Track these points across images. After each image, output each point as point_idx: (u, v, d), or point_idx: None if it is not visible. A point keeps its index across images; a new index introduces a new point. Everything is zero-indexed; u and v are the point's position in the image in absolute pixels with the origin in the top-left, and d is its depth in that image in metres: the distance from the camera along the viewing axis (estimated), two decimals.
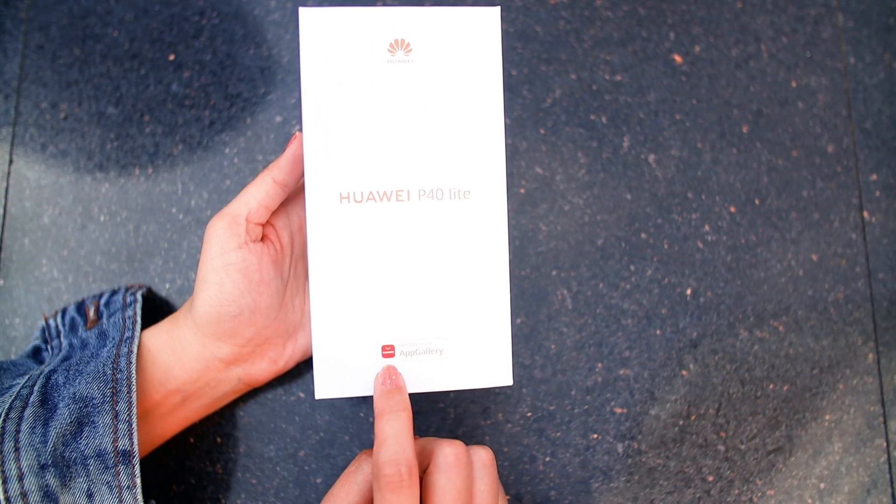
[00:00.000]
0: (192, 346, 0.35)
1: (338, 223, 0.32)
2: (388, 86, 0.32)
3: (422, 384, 0.33)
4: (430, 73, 0.32)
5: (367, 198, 0.32)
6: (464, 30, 0.32)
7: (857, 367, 0.42)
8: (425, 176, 0.32)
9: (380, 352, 0.33)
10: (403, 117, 0.32)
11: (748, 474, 0.41)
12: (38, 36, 0.43)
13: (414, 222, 0.32)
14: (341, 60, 0.32)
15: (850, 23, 0.45)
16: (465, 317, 0.33)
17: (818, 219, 0.43)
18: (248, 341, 0.35)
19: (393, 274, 0.33)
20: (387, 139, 0.32)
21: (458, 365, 0.33)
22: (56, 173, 0.42)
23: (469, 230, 0.33)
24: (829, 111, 0.44)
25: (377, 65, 0.32)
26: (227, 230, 0.33)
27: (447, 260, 0.33)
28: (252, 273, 0.34)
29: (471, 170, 0.33)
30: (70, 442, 0.31)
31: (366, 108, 0.32)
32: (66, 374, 0.33)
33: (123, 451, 0.31)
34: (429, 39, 0.32)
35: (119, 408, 0.32)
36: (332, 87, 0.32)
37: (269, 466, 0.40)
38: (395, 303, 0.33)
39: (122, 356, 0.33)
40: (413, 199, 0.32)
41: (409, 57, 0.32)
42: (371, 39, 0.32)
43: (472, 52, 0.32)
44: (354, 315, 0.32)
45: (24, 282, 0.41)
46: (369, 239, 0.32)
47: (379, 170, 0.32)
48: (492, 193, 0.33)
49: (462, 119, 0.32)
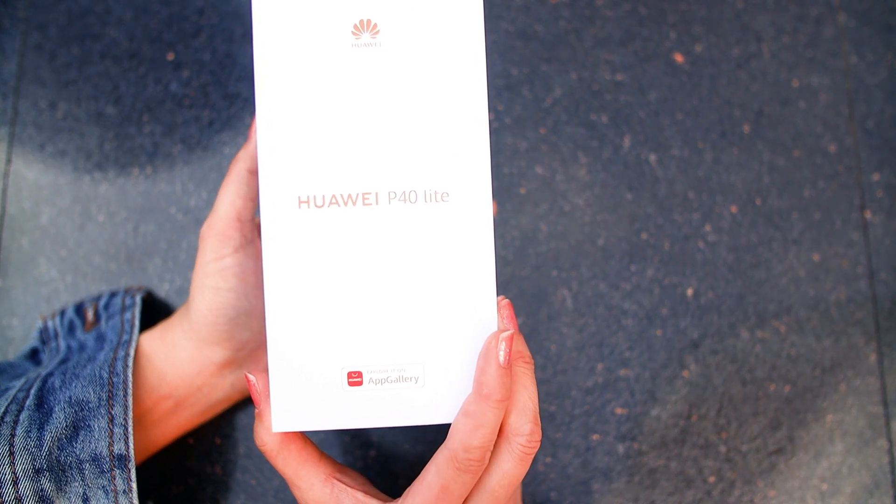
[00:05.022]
0: (186, 351, 0.35)
1: (296, 231, 0.28)
2: (353, 73, 0.28)
3: (393, 417, 0.28)
4: (400, 57, 0.28)
5: (330, 202, 0.28)
6: (441, 7, 0.28)
7: (859, 368, 0.42)
8: (396, 176, 0.28)
9: (345, 379, 0.28)
10: (370, 109, 0.28)
11: (750, 475, 0.41)
12: (36, 35, 0.43)
13: (383, 229, 0.28)
14: (299, 45, 0.28)
15: (852, 22, 0.44)
16: (446, 339, 0.28)
17: (820, 219, 0.43)
18: (244, 345, 0.35)
19: (360, 289, 0.28)
20: (351, 134, 0.28)
21: (437, 395, 0.28)
22: (54, 173, 0.42)
23: (448, 237, 0.28)
24: (831, 111, 0.44)
25: (340, 49, 0.28)
26: (220, 236, 0.33)
27: (423, 273, 0.28)
28: (248, 276, 0.34)
29: (449, 168, 0.28)
30: (66, 446, 0.31)
31: (327, 99, 0.28)
32: (62, 378, 0.33)
33: (119, 455, 0.31)
34: (399, 19, 0.28)
35: (115, 412, 0.32)
36: (288, 75, 0.28)
37: (269, 467, 0.40)
38: (362, 323, 0.28)
39: (118, 360, 0.33)
40: (382, 202, 0.28)
41: (376, 40, 0.28)
42: (332, 20, 0.28)
43: (451, 33, 0.28)
44: (316, 337, 0.28)
45: (23, 282, 0.41)
46: (332, 249, 0.28)
47: (343, 170, 0.28)
48: (474, 195, 0.28)
49: (438, 110, 0.28)
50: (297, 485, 0.29)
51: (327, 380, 0.28)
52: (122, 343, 0.35)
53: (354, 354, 0.28)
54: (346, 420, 0.28)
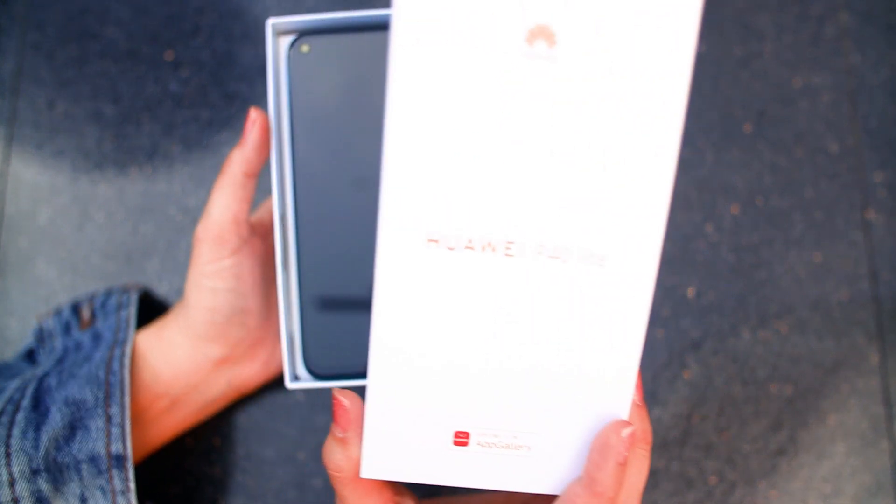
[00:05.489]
0: (181, 349, 0.34)
1: (419, 272, 0.23)
2: (518, 91, 0.22)
3: (495, 481, 0.26)
4: (577, 78, 0.22)
5: (465, 246, 0.23)
6: (643, 21, 0.21)
7: (861, 369, 0.42)
8: (550, 226, 0.23)
9: (451, 437, 0.25)
10: (532, 138, 0.22)
11: (751, 476, 0.41)
12: (34, 34, 0.43)
13: (521, 286, 0.24)
14: (452, 46, 0.21)
15: (855, 21, 0.44)
16: (569, 414, 0.25)
17: (822, 219, 0.43)
18: (241, 342, 0.35)
19: (483, 345, 0.24)
20: (502, 168, 0.22)
21: (546, 466, 0.26)
22: (53, 173, 0.42)
23: (595, 307, 0.24)
24: (833, 110, 0.44)
25: (507, 58, 0.21)
26: (218, 240, 0.32)
27: (558, 339, 0.24)
28: (245, 276, 0.33)
29: (613, 226, 0.23)
30: (63, 446, 0.31)
31: (481, 119, 0.22)
32: (58, 377, 0.33)
33: (117, 455, 0.31)
34: (587, 28, 0.21)
35: (112, 411, 0.31)
36: (434, 84, 0.22)
37: (269, 469, 0.40)
38: (480, 381, 0.25)
39: (115, 359, 0.33)
40: (528, 255, 0.23)
41: (552, 52, 0.22)
42: (503, 21, 0.21)
43: (648, 55, 0.22)
44: (426, 388, 0.25)
45: (21, 282, 0.41)
46: (458, 297, 0.24)
47: (487, 210, 0.23)
48: (637, 267, 0.23)
49: (615, 153, 0.22)
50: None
51: (431, 435, 0.25)
52: (118, 342, 0.34)
53: (466, 413, 0.25)
54: (443, 477, 0.26)
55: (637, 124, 0.22)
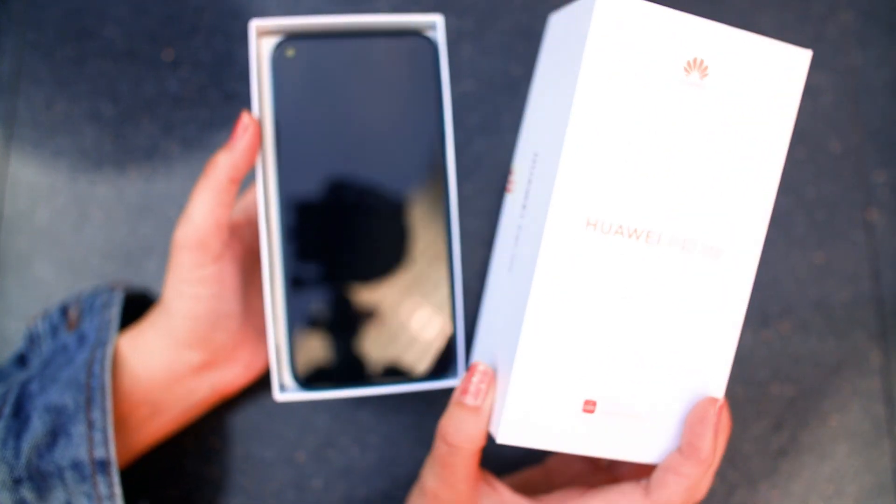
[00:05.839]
0: (162, 357, 0.34)
1: (576, 251, 0.28)
2: (673, 111, 0.27)
3: (613, 449, 0.29)
4: (721, 106, 0.28)
5: (616, 231, 0.28)
6: (769, 66, 0.28)
7: (863, 369, 0.42)
8: (683, 222, 0.28)
9: (581, 405, 0.29)
10: (678, 150, 0.28)
11: (753, 477, 0.41)
12: (33, 33, 0.42)
13: (654, 271, 0.28)
14: (629, 65, 0.27)
15: (857, 20, 0.44)
16: (676, 387, 0.29)
17: (823, 219, 0.43)
18: (223, 346, 0.34)
19: (616, 322, 0.28)
20: (653, 170, 0.28)
21: (655, 437, 0.29)
22: (51, 172, 0.42)
23: (708, 293, 0.29)
24: (835, 110, 0.44)
25: (668, 83, 0.27)
26: (201, 246, 0.32)
27: (676, 319, 0.29)
28: (227, 281, 0.33)
29: (730, 228, 0.28)
30: (45, 454, 0.30)
31: (640, 128, 0.27)
32: (40, 382, 0.32)
33: (100, 460, 0.31)
34: (729, 66, 0.28)
35: (93, 416, 0.31)
36: (611, 93, 0.27)
37: (268, 470, 0.40)
38: (609, 353, 0.29)
39: (96, 361, 0.32)
40: (663, 244, 0.28)
41: (703, 82, 0.28)
42: (668, 51, 0.27)
43: (769, 94, 0.28)
44: (565, 358, 0.28)
45: (20, 282, 0.41)
46: (602, 277, 0.28)
47: (636, 203, 0.28)
48: (742, 263, 0.29)
49: (737, 166, 0.28)
50: (446, 482, 0.30)
51: (564, 403, 0.29)
52: (100, 343, 0.34)
53: (595, 384, 0.29)
54: (570, 444, 0.29)
55: (755, 147, 0.28)
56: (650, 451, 0.30)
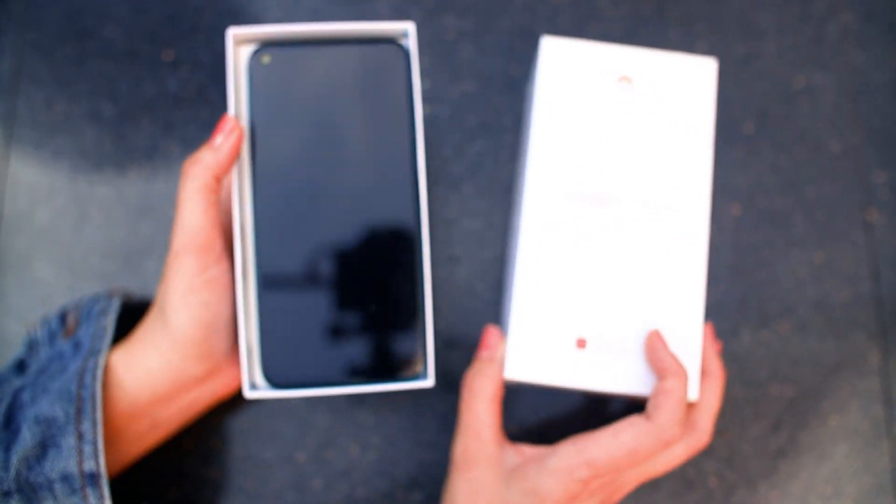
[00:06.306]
0: (165, 375, 0.33)
1: (554, 217, 0.35)
2: (614, 110, 0.36)
3: (604, 383, 0.34)
4: (649, 102, 0.36)
5: (586, 198, 0.35)
6: (684, 73, 0.37)
7: (863, 369, 0.42)
8: (638, 186, 0.35)
9: (574, 343, 0.34)
10: (623, 134, 0.36)
11: (751, 478, 0.41)
12: (33, 33, 0.42)
13: (623, 226, 0.35)
14: (572, 79, 0.36)
15: (857, 20, 0.44)
16: (656, 322, 0.35)
17: (823, 219, 0.43)
18: (225, 354, 0.34)
19: (597, 271, 0.35)
20: (607, 150, 0.36)
21: (642, 370, 0.34)
22: (51, 173, 0.42)
23: (673, 240, 0.35)
24: (835, 110, 0.43)
25: (607, 93, 0.36)
26: (204, 248, 0.31)
27: (649, 264, 0.35)
28: (230, 282, 0.33)
29: (682, 190, 0.36)
30: (34, 466, 0.30)
31: (590, 123, 0.36)
32: (32, 392, 0.32)
33: (90, 473, 0.30)
34: (650, 78, 0.36)
35: (83, 428, 0.30)
36: (562, 101, 0.36)
37: (268, 471, 0.40)
38: (595, 297, 0.35)
39: (87, 371, 0.32)
40: (626, 204, 0.35)
41: (633, 90, 0.36)
42: (602, 71, 0.36)
43: (688, 90, 0.36)
44: (556, 304, 0.35)
45: (20, 283, 0.41)
46: (579, 236, 0.35)
47: (597, 174, 0.36)
48: (695, 211, 0.36)
49: (674, 141, 0.36)
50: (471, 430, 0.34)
51: (559, 341, 0.34)
52: (93, 352, 0.33)
53: (584, 324, 0.35)
54: (568, 379, 0.34)
55: (687, 128, 0.36)
56: (639, 384, 0.34)
